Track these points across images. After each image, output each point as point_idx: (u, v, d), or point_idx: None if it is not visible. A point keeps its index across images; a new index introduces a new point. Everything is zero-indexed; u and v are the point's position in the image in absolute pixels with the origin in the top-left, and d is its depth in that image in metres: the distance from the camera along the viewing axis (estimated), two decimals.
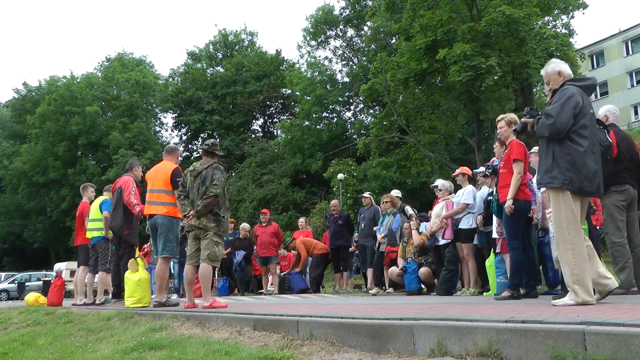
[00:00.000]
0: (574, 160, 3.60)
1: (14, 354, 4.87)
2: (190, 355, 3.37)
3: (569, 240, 3.54)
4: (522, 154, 5.11)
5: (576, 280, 3.45)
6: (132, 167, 7.65)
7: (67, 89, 38.75)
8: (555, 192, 3.65)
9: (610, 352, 2.04)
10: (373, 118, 29.41)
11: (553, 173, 3.64)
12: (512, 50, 17.49)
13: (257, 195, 31.09)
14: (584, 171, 3.59)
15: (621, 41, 39.08)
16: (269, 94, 39.23)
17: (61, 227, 37.73)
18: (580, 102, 3.69)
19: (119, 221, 7.10)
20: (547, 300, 4.41)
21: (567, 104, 3.64)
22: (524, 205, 5.06)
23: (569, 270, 3.51)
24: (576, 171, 3.59)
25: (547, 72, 3.95)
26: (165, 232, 6.08)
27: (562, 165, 3.62)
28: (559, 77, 3.87)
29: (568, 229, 3.55)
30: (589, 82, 3.89)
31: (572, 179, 3.58)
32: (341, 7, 35.28)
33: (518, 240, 5.01)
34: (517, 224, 5.03)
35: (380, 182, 27.52)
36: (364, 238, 9.55)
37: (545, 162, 3.73)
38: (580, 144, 3.63)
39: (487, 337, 2.43)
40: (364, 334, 3.03)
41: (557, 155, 3.66)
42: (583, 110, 3.68)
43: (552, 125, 3.63)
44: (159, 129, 44.57)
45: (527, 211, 5.16)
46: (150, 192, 6.33)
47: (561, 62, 4.00)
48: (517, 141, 5.23)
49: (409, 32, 20.34)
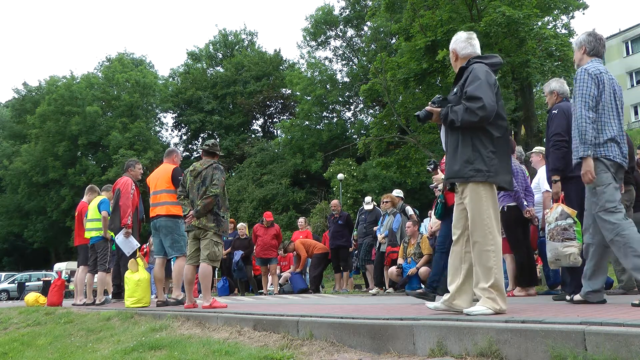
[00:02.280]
0: (500, 150, 3.22)
1: (14, 354, 4.87)
2: (190, 355, 3.37)
3: (491, 241, 3.13)
4: None
5: (495, 286, 3.08)
6: (129, 167, 7.62)
7: (67, 89, 38.73)
8: (476, 186, 3.20)
9: (610, 352, 2.04)
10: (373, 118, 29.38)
11: (475, 165, 3.19)
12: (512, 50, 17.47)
13: (257, 195, 31.10)
14: (506, 162, 3.24)
15: (621, 41, 39.07)
16: (268, 94, 39.25)
17: (61, 227, 37.73)
18: (496, 81, 3.30)
19: (119, 222, 7.11)
20: (547, 300, 4.41)
21: (489, 84, 3.21)
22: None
23: (488, 274, 3.11)
24: (500, 162, 3.20)
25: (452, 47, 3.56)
26: (170, 234, 6.11)
27: (487, 156, 3.19)
28: (454, 56, 3.52)
29: (488, 227, 3.15)
30: (496, 59, 3.44)
31: (497, 170, 3.19)
32: (341, 7, 35.37)
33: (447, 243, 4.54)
34: (448, 225, 4.68)
35: (380, 182, 27.53)
36: (362, 237, 9.59)
37: (463, 153, 3.24)
38: (500, 128, 3.25)
39: (487, 337, 2.43)
40: (364, 334, 3.03)
41: (481, 144, 3.21)
42: (499, 91, 3.29)
43: (483, 107, 3.12)
44: (159, 129, 44.63)
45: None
46: (154, 195, 6.37)
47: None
48: None
49: (409, 32, 20.32)
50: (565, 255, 4.09)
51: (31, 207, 39.87)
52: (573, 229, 4.14)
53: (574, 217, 4.16)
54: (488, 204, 3.19)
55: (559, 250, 4.12)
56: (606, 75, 3.63)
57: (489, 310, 3.01)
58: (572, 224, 4.15)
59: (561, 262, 4.17)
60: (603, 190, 3.48)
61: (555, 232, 4.17)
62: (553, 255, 4.20)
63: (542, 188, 5.88)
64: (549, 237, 4.23)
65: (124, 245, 7.00)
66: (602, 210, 3.47)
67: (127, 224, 6.94)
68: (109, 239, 7.55)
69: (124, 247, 7.02)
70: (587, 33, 3.88)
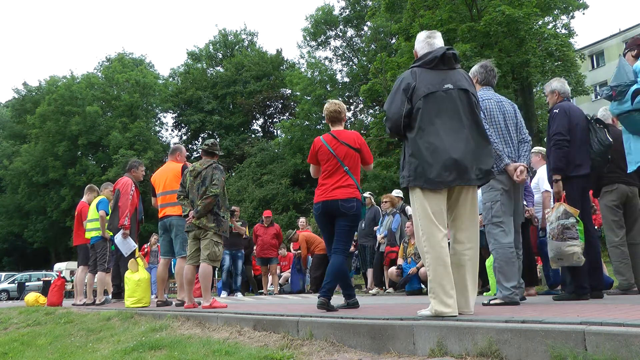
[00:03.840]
0: (418, 152, 3.11)
1: (14, 354, 4.87)
2: (190, 355, 3.37)
3: (424, 242, 3.08)
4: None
5: (431, 288, 3.03)
6: (132, 167, 7.58)
7: (67, 89, 38.73)
8: (409, 190, 3.21)
9: (610, 352, 2.04)
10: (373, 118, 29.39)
11: (403, 171, 3.22)
12: (512, 50, 17.48)
13: (257, 195, 31.09)
14: (430, 161, 3.08)
15: (621, 41, 39.01)
16: (268, 94, 39.25)
17: (61, 227, 37.73)
18: (412, 82, 3.17)
19: (117, 223, 7.09)
20: (547, 300, 4.41)
21: (397, 91, 3.20)
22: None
23: (429, 275, 3.07)
24: (421, 163, 3.10)
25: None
26: (182, 233, 6.09)
27: (408, 160, 3.17)
28: (415, 56, 3.46)
29: (422, 228, 3.09)
30: (431, 55, 3.25)
31: (416, 173, 3.11)
32: (341, 7, 35.35)
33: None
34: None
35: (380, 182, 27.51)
36: (363, 238, 9.55)
37: (402, 161, 3.29)
38: (425, 130, 3.12)
39: (487, 337, 2.43)
40: (364, 334, 3.03)
41: (406, 150, 3.22)
42: (419, 87, 3.15)
43: (387, 120, 3.23)
44: (159, 129, 44.62)
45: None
46: (163, 195, 6.33)
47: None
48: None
49: (409, 32, 20.33)
50: (568, 255, 4.09)
51: (31, 207, 39.87)
52: (576, 228, 4.14)
53: (576, 217, 4.16)
54: (416, 207, 3.15)
55: (562, 250, 4.11)
56: (493, 102, 4.02)
57: (427, 312, 3.04)
58: (575, 223, 4.15)
59: (564, 261, 4.16)
60: (491, 205, 3.89)
61: (557, 231, 4.17)
62: (555, 255, 4.19)
63: (541, 188, 5.88)
64: (551, 236, 4.22)
65: (121, 245, 7.01)
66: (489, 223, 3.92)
67: (124, 224, 6.93)
68: (108, 238, 7.55)
69: (122, 248, 7.02)
70: (479, 64, 4.27)
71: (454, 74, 3.25)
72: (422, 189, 3.10)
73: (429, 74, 3.20)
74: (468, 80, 3.33)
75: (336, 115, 4.54)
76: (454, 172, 3.07)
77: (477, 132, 3.20)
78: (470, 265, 3.17)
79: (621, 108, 3.58)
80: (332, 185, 4.28)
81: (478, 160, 3.16)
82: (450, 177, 3.07)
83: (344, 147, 4.31)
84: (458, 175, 3.08)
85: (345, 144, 4.32)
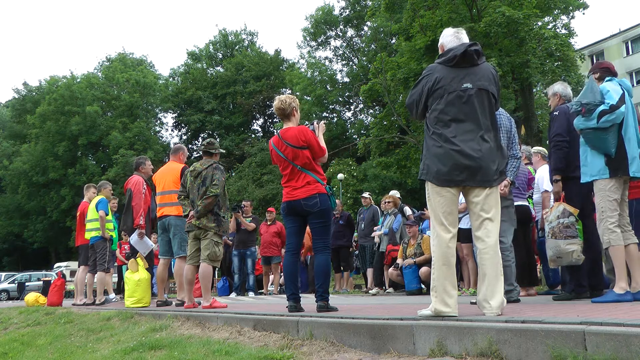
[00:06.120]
0: (432, 149, 3.16)
1: (14, 354, 4.87)
2: (190, 355, 3.37)
3: (433, 237, 3.13)
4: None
5: (433, 286, 3.05)
6: (139, 164, 7.38)
7: (67, 88, 38.77)
8: (426, 185, 3.24)
9: (610, 352, 2.04)
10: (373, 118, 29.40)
11: (421, 164, 3.28)
12: (512, 50, 17.47)
13: (257, 195, 31.12)
14: (442, 159, 3.09)
15: (621, 41, 39.07)
16: (269, 94, 39.26)
17: (61, 227, 37.75)
18: (436, 76, 3.19)
19: (131, 223, 6.98)
20: (547, 300, 4.41)
21: (419, 83, 3.29)
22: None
23: (432, 273, 3.10)
24: (433, 161, 3.13)
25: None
26: (179, 233, 6.08)
27: (424, 155, 3.23)
28: (441, 50, 3.46)
29: (433, 226, 3.15)
30: (452, 53, 3.23)
31: (429, 169, 3.16)
32: (341, 7, 35.41)
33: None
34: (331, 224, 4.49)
35: (380, 182, 27.54)
36: (363, 238, 9.56)
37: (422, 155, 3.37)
38: (442, 125, 3.14)
39: (487, 337, 2.43)
40: (364, 334, 3.03)
41: (424, 145, 3.27)
42: (439, 85, 3.16)
43: (406, 106, 3.39)
44: (159, 129, 44.70)
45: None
46: (162, 195, 6.33)
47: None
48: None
49: (409, 32, 20.32)
50: (568, 253, 4.10)
51: (31, 207, 39.89)
52: (575, 227, 4.15)
53: (575, 216, 4.16)
54: (430, 202, 3.19)
55: (562, 248, 4.12)
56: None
57: (427, 312, 3.03)
58: (574, 222, 4.16)
59: (563, 259, 4.17)
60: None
61: (557, 229, 4.18)
62: (555, 253, 4.19)
63: (540, 188, 5.87)
64: (550, 234, 4.23)
65: (139, 246, 6.89)
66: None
67: (140, 224, 6.83)
68: (107, 238, 7.54)
69: (140, 248, 6.90)
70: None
71: (476, 71, 3.21)
72: (433, 184, 3.16)
73: (449, 72, 3.19)
74: (491, 77, 3.26)
75: (281, 112, 4.38)
76: (464, 172, 3.08)
77: (491, 133, 3.19)
78: (490, 263, 3.07)
79: (587, 124, 3.79)
80: (293, 187, 4.21)
81: (492, 161, 3.14)
82: (461, 177, 3.08)
83: (290, 147, 4.19)
84: (469, 175, 3.09)
85: (288, 144, 4.18)
